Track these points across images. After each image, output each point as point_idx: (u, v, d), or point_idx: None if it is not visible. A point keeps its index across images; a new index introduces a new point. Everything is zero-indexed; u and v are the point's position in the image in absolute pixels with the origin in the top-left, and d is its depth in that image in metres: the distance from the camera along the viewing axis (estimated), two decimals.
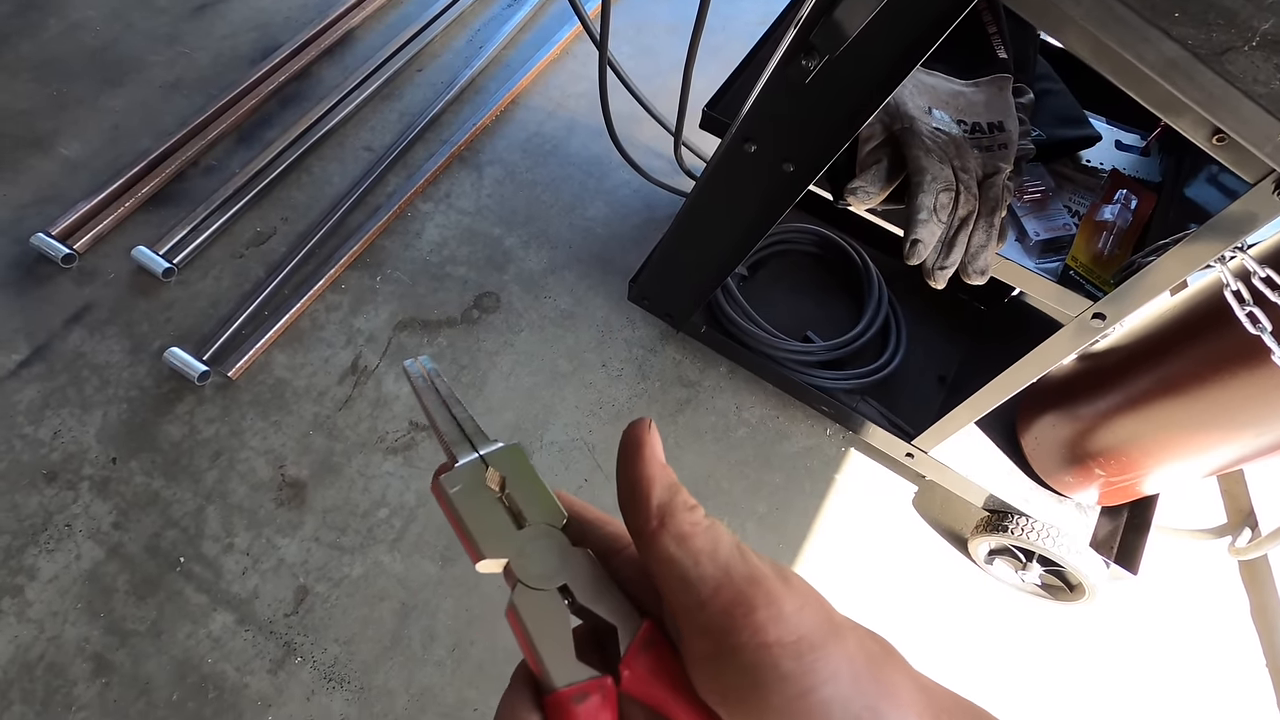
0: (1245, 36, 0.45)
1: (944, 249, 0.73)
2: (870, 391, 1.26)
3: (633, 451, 0.26)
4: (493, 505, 0.28)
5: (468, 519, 0.28)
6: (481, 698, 1.12)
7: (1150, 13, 0.47)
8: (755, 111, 0.80)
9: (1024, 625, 1.25)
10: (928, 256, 0.72)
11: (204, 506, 1.23)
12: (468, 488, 0.29)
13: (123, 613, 1.14)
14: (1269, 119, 0.48)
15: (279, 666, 1.12)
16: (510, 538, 0.28)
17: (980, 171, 0.74)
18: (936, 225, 0.71)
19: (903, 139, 0.74)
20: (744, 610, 0.22)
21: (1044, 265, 0.80)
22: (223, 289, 1.43)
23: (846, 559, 1.28)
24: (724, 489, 1.32)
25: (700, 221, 1.04)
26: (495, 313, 1.46)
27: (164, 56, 1.74)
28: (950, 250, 0.72)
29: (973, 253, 0.73)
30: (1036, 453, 1.20)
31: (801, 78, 0.71)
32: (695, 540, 0.24)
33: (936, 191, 0.70)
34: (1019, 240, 0.81)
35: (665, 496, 0.25)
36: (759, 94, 0.78)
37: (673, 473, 0.27)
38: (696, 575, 0.23)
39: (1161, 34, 0.48)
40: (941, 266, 0.73)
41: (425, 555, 1.22)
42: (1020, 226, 0.81)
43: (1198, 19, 0.46)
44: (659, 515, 0.25)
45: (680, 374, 1.42)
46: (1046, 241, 0.80)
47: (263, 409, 1.32)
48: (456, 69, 1.78)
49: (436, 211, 1.57)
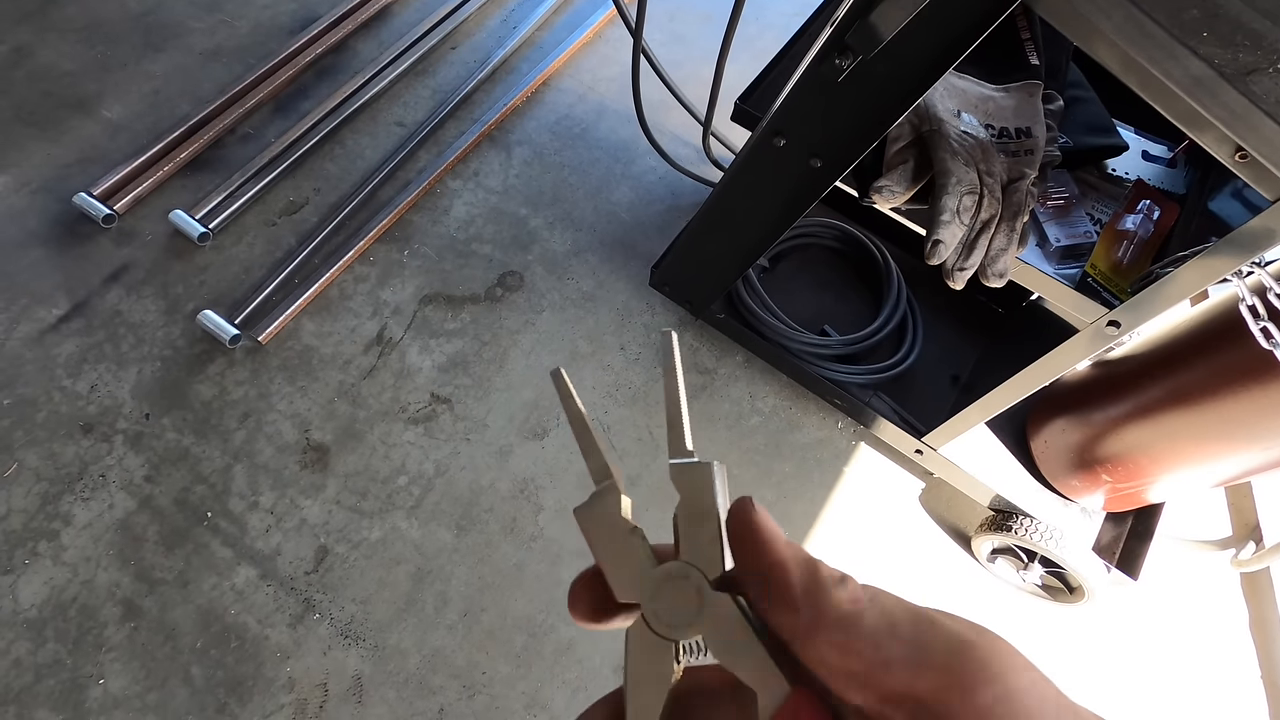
0: (1270, 59, 0.47)
1: (965, 250, 0.74)
2: (883, 387, 1.28)
3: (748, 540, 0.22)
4: (627, 538, 0.25)
5: (600, 551, 0.25)
6: (489, 662, 1.16)
7: (1179, 31, 0.49)
8: (787, 107, 0.82)
9: (1023, 624, 1.27)
10: (948, 257, 0.74)
11: (231, 465, 1.27)
12: (600, 516, 0.26)
13: (152, 561, 1.19)
14: None
15: (298, 621, 1.17)
16: (645, 576, 0.25)
17: (1005, 176, 0.75)
18: (959, 227, 0.72)
19: (930, 141, 0.75)
20: (960, 692, 0.18)
21: (1063, 271, 0.81)
22: (255, 255, 1.47)
23: (850, 551, 1.31)
24: (734, 474, 1.34)
25: (726, 212, 1.06)
26: (518, 291, 1.49)
27: (205, 24, 1.77)
28: (971, 252, 0.74)
29: (993, 255, 0.75)
30: (1045, 456, 1.21)
31: (835, 76, 0.72)
32: (865, 621, 0.20)
33: (960, 194, 0.72)
34: (1040, 245, 0.82)
35: (806, 580, 0.21)
36: (791, 89, 0.79)
37: (801, 548, 0.22)
38: (882, 660, 0.19)
39: (1189, 52, 0.49)
40: (961, 268, 0.74)
41: (441, 523, 1.26)
42: (1042, 232, 0.82)
43: (1225, 39, 0.48)
44: (808, 605, 0.21)
45: (697, 361, 1.44)
46: (1067, 248, 0.81)
47: (290, 374, 1.36)
48: (490, 48, 1.80)
49: (465, 189, 1.60)
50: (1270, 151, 0.51)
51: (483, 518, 1.27)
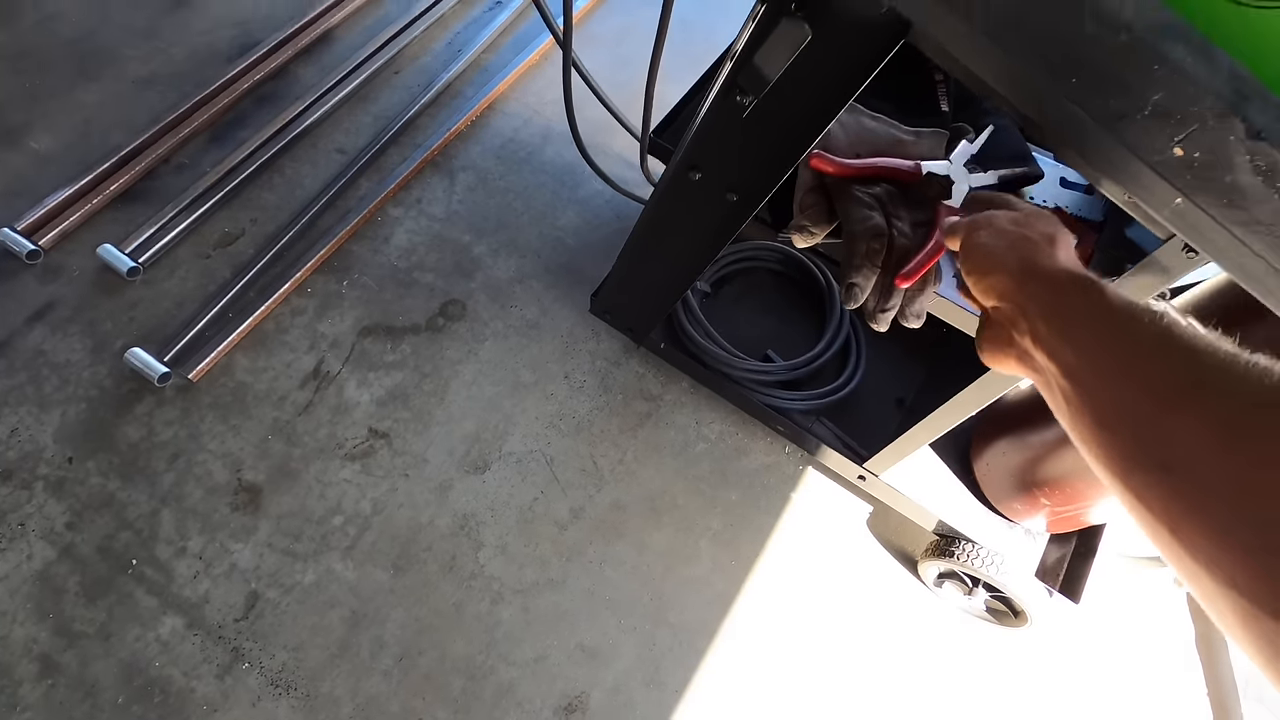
0: (1138, 105, 0.46)
1: (882, 293, 0.73)
2: (826, 412, 1.27)
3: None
4: None
5: None
6: (426, 708, 1.13)
7: (1050, 79, 0.48)
8: (699, 141, 0.80)
9: (971, 648, 1.26)
10: (866, 300, 0.73)
11: (159, 509, 1.23)
12: None
13: (72, 614, 1.14)
14: (1166, 185, 0.48)
15: (226, 672, 1.13)
16: None
17: (913, 219, 0.74)
18: (870, 271, 0.71)
19: (835, 188, 0.74)
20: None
21: None
22: (188, 289, 1.43)
23: (798, 578, 1.29)
24: (680, 505, 1.32)
25: (652, 241, 1.04)
26: (461, 321, 1.46)
27: (140, 51, 1.73)
28: (890, 294, 0.73)
29: (909, 297, 0.74)
30: (987, 479, 1.21)
31: (739, 113, 0.71)
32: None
33: (868, 239, 0.71)
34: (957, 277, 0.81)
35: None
36: (700, 125, 0.78)
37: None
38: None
39: (1064, 98, 0.48)
40: (883, 309, 0.73)
41: (377, 564, 1.23)
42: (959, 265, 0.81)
43: (1094, 86, 0.47)
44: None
45: (643, 388, 1.42)
46: None
47: (222, 412, 1.32)
48: (434, 72, 1.78)
49: (407, 217, 1.57)
50: (1149, 197, 0.50)
51: (421, 557, 1.24)
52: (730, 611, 1.25)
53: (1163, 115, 0.45)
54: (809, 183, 0.77)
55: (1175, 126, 0.45)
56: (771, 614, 1.26)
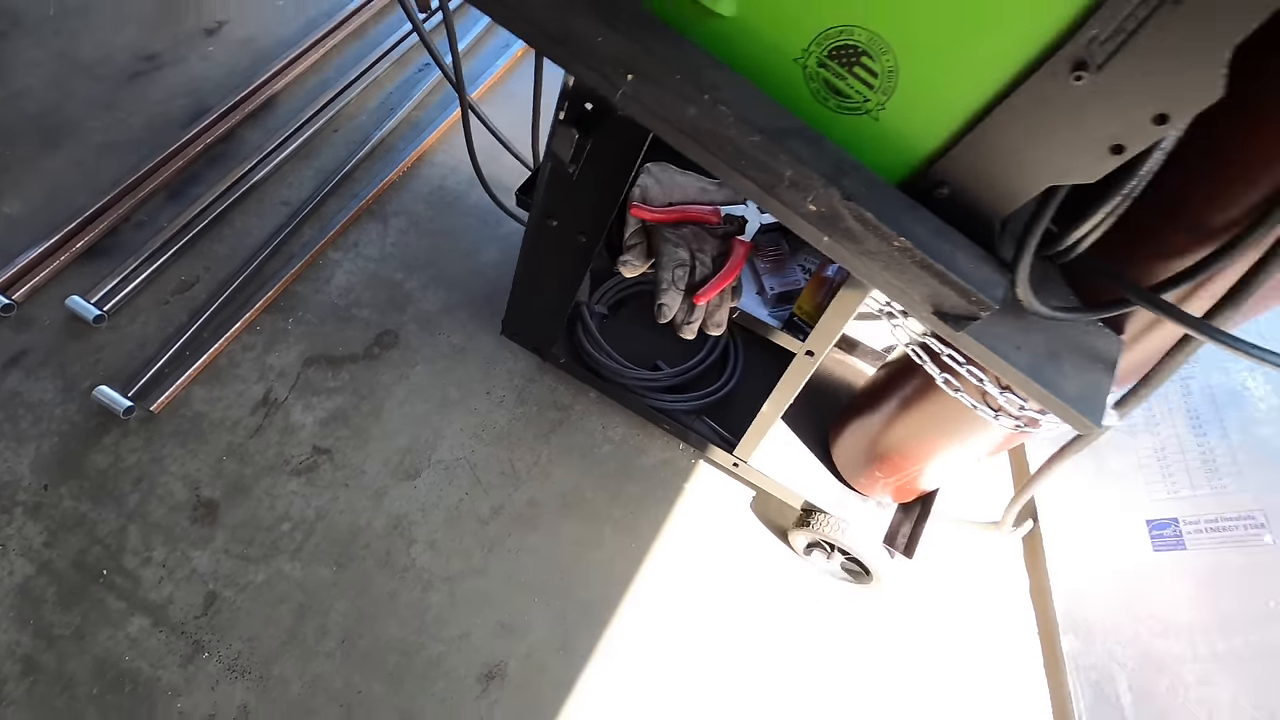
0: (779, 179, 0.68)
1: (689, 310, 0.95)
2: (707, 411, 1.48)
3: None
4: None
5: None
6: (365, 682, 1.31)
7: (730, 160, 0.70)
8: (548, 196, 1.02)
9: (835, 605, 1.47)
10: (674, 316, 0.95)
11: (126, 525, 1.40)
12: None
13: (50, 619, 1.31)
14: (812, 229, 0.71)
15: (188, 661, 1.30)
16: None
17: (714, 253, 0.97)
18: (676, 293, 0.93)
19: (652, 230, 0.97)
20: None
21: (776, 314, 1.03)
22: (149, 332, 1.61)
23: (690, 555, 1.49)
24: (587, 499, 1.52)
25: (530, 275, 1.26)
26: (394, 349, 1.66)
27: (101, 121, 1.92)
28: (694, 310, 0.95)
29: (710, 311, 0.96)
30: (841, 459, 1.43)
31: (569, 177, 0.93)
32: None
33: (673, 268, 0.93)
34: (760, 294, 1.04)
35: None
36: (548, 183, 1.00)
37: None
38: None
39: (739, 174, 0.70)
40: (688, 322, 0.95)
41: (321, 563, 1.41)
42: (761, 283, 1.04)
43: (752, 166, 0.69)
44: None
45: (555, 399, 1.63)
46: (780, 294, 1.03)
47: (181, 439, 1.50)
48: (369, 129, 1.99)
49: (345, 259, 1.77)
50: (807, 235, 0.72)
51: (360, 554, 1.42)
52: (631, 587, 1.45)
53: (795, 184, 0.68)
54: (633, 226, 0.99)
55: (804, 191, 0.68)
56: (667, 587, 1.46)
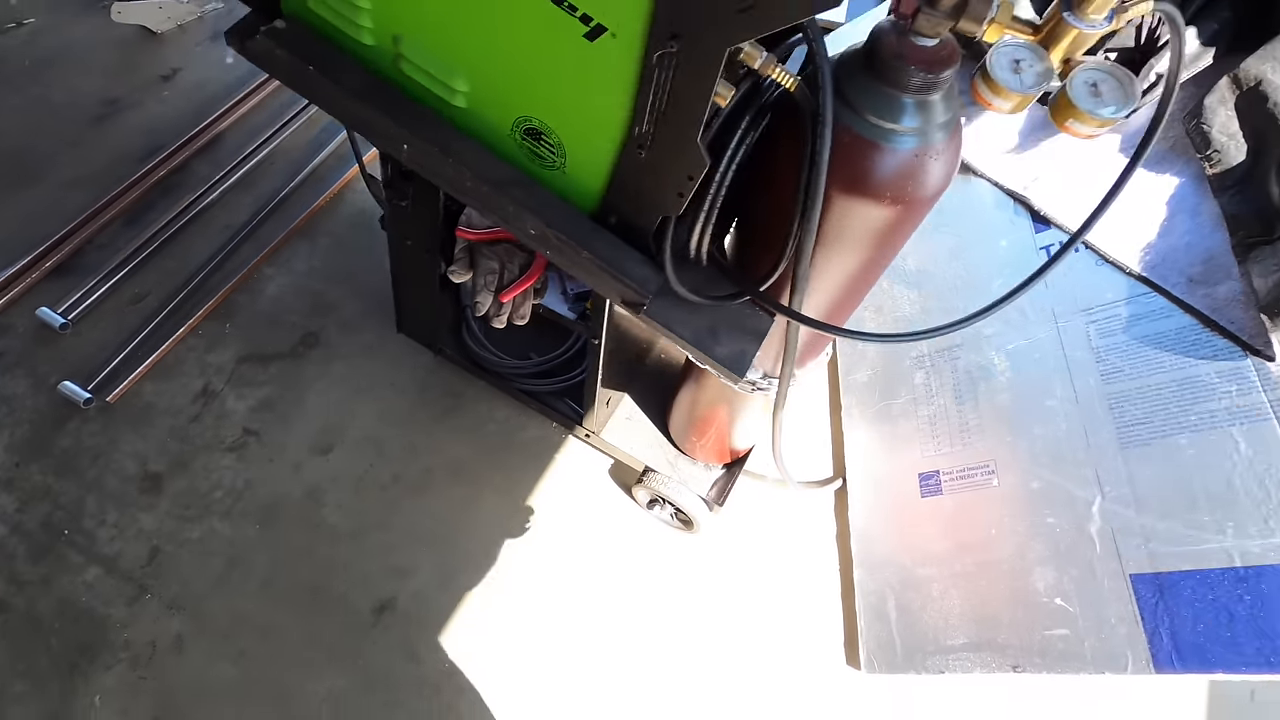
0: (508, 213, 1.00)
1: (495, 307, 1.27)
2: (568, 393, 1.80)
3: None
4: None
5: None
6: (281, 615, 1.61)
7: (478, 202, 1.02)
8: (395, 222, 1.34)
9: (673, 550, 1.78)
10: (485, 310, 1.27)
11: (85, 495, 1.70)
12: None
13: (21, 570, 1.61)
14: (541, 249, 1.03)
15: (134, 601, 1.60)
16: None
17: (521, 263, 1.29)
18: (486, 294, 1.25)
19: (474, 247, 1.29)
20: None
21: (574, 308, 1.35)
22: (107, 336, 1.92)
23: (557, 511, 1.80)
24: (472, 469, 1.84)
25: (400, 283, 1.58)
26: (316, 348, 1.97)
27: (69, 157, 2.23)
28: (500, 308, 1.27)
29: (515, 307, 1.28)
30: (674, 429, 1.74)
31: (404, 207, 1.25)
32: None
33: (485, 275, 1.25)
34: (563, 294, 1.36)
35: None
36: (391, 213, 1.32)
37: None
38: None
39: (488, 210, 1.02)
40: (496, 316, 1.27)
41: (248, 522, 1.71)
42: (564, 285, 1.36)
43: (492, 205, 1.01)
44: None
45: (450, 388, 1.94)
46: (578, 294, 1.35)
47: (133, 424, 1.80)
48: (302, 161, 2.31)
49: (278, 274, 2.09)
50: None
51: (280, 515, 1.73)
52: (505, 538, 1.76)
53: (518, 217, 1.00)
54: (460, 244, 1.31)
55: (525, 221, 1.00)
56: (536, 536, 1.77)
